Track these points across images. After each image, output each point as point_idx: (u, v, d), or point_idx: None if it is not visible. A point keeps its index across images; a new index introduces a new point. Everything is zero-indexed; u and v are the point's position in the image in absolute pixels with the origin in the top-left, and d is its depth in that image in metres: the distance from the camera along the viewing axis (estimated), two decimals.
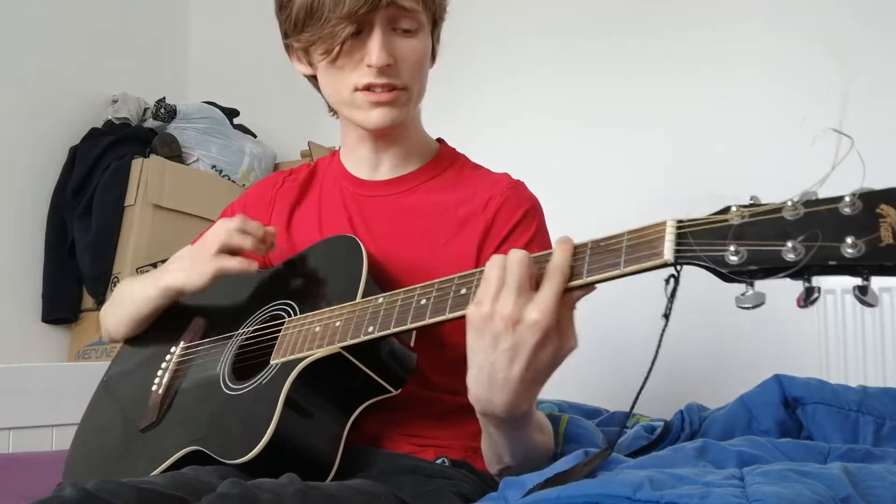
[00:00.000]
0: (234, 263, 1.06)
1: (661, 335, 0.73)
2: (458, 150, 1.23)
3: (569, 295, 0.76)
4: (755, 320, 1.95)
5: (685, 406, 1.30)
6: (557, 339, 0.76)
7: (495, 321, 0.75)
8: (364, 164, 1.16)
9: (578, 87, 2.35)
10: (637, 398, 0.77)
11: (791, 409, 1.20)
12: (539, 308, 0.74)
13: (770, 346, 1.96)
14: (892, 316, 1.72)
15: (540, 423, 0.94)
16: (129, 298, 1.19)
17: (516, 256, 0.76)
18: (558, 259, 0.76)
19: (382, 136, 1.11)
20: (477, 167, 1.20)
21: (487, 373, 0.78)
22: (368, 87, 1.03)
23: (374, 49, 1.00)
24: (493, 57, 2.50)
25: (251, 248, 1.08)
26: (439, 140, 1.23)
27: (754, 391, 1.24)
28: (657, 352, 0.73)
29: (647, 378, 0.75)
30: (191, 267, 1.09)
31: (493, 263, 0.77)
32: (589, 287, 0.76)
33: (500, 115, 2.46)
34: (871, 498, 0.72)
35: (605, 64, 2.31)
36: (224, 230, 1.07)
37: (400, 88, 1.04)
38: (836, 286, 1.77)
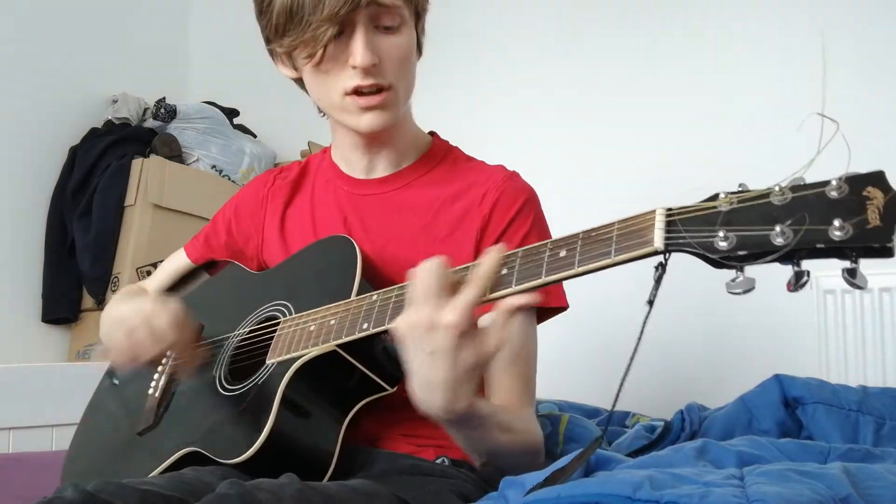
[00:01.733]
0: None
1: (644, 321, 0.74)
2: (455, 144, 1.22)
3: (504, 302, 0.79)
4: (755, 320, 1.95)
5: (685, 406, 1.30)
6: (478, 340, 0.79)
7: (416, 328, 0.78)
8: (357, 164, 1.16)
9: (573, 83, 2.35)
10: (622, 382, 0.77)
11: (791, 409, 1.20)
12: (453, 312, 0.77)
13: (770, 346, 1.96)
14: (892, 316, 1.72)
15: (504, 424, 0.93)
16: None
17: (426, 266, 0.79)
18: (482, 268, 0.79)
19: (375, 138, 1.10)
20: (470, 159, 1.19)
21: (420, 377, 0.81)
22: (357, 91, 1.02)
23: (358, 50, 0.99)
24: (490, 52, 2.51)
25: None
26: (432, 133, 1.22)
27: (754, 391, 1.24)
28: (640, 337, 0.74)
29: (630, 361, 0.75)
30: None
31: (410, 276, 0.81)
32: (524, 293, 0.78)
33: (497, 109, 2.47)
34: (870, 498, 0.72)
35: (599, 58, 2.32)
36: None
37: (387, 88, 1.03)
38: (836, 286, 1.77)
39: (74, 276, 2.54)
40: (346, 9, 0.95)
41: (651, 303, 0.73)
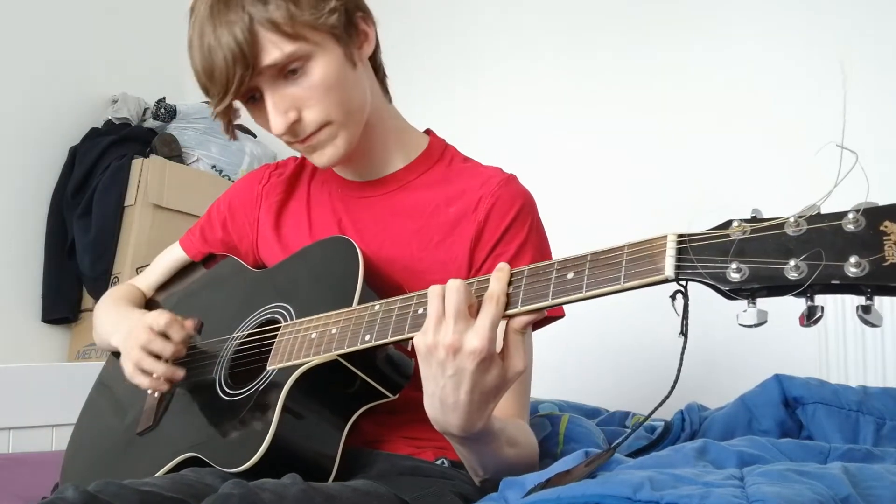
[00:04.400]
0: (146, 382, 1.06)
1: (682, 354, 0.73)
2: (454, 146, 1.20)
3: (516, 320, 0.78)
4: None
5: (685, 406, 1.30)
6: (501, 362, 0.79)
7: (439, 350, 0.78)
8: (346, 170, 1.15)
9: (578, 89, 2.34)
10: (665, 398, 0.77)
11: (791, 409, 1.20)
12: (478, 335, 0.76)
13: (770, 346, 1.96)
14: (892, 316, 1.72)
15: (512, 438, 0.93)
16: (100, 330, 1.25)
17: (452, 286, 0.78)
18: (494, 287, 0.78)
19: (346, 159, 1.07)
20: (467, 160, 1.16)
21: (438, 398, 0.81)
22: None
23: (272, 119, 0.97)
24: (490, 54, 2.50)
25: (169, 357, 1.06)
26: (428, 132, 1.19)
27: (754, 391, 1.24)
28: (679, 369, 0.73)
29: (671, 390, 0.75)
30: (123, 356, 1.10)
31: (433, 294, 0.80)
32: (537, 312, 0.77)
33: (496, 114, 2.46)
34: (871, 498, 0.72)
35: (606, 67, 2.30)
36: (146, 333, 1.06)
37: (323, 126, 0.99)
38: None
39: (74, 276, 2.54)
40: (234, 86, 0.93)
41: (685, 334, 0.71)
